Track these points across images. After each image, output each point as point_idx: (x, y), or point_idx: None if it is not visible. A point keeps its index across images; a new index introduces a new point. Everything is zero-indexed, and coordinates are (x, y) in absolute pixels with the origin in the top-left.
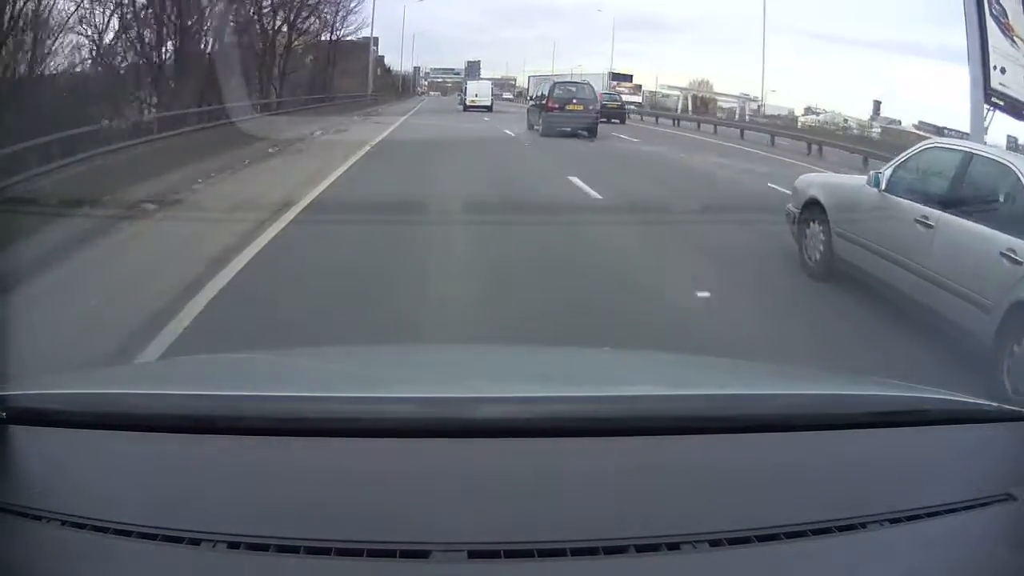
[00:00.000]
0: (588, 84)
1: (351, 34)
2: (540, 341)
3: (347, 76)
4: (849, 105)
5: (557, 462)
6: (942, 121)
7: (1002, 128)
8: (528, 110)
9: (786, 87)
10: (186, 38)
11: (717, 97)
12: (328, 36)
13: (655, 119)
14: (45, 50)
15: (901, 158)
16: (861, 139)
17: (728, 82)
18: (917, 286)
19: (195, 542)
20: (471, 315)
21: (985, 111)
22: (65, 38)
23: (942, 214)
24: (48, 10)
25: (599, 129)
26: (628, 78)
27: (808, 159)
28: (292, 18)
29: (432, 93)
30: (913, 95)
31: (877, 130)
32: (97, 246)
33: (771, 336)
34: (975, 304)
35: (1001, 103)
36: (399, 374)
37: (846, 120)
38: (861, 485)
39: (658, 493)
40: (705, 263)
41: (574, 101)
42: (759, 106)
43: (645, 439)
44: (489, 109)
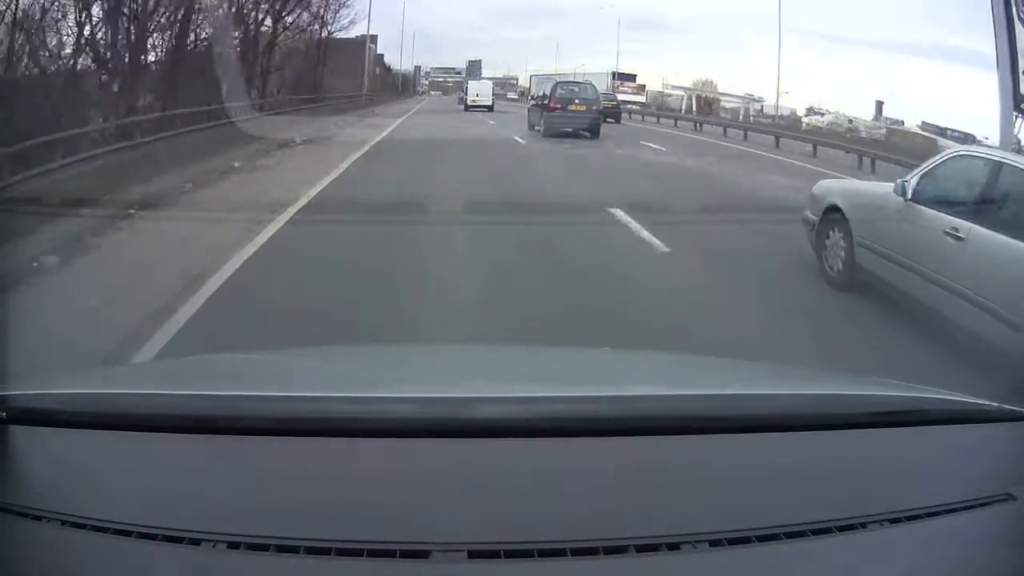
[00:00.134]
0: (591, 84)
1: (343, 29)
2: (540, 341)
3: (344, 75)
4: (850, 105)
5: (557, 462)
6: (943, 121)
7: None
8: (529, 110)
9: (787, 87)
10: (140, 34)
11: (721, 97)
12: (318, 30)
13: (656, 119)
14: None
15: (927, 166)
16: (887, 144)
17: (731, 82)
18: (945, 300)
19: (195, 542)
20: None
21: (1014, 119)
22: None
23: (972, 226)
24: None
25: (625, 137)
26: (632, 78)
27: (860, 172)
28: (277, 8)
29: (433, 92)
30: (913, 95)
31: (882, 131)
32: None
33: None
34: (1006, 323)
35: None
36: (399, 374)
37: (851, 121)
38: (861, 485)
39: (658, 493)
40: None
41: (576, 101)
42: (762, 107)
43: (645, 439)
44: (490, 109)
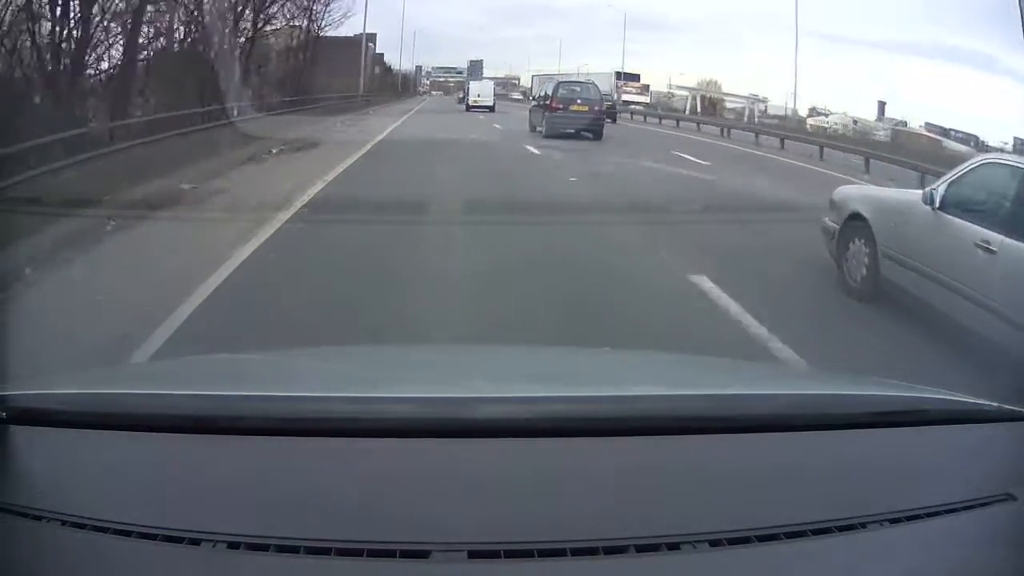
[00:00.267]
0: (593, 84)
1: (334, 23)
2: (540, 341)
3: (342, 75)
4: (852, 106)
5: (557, 462)
6: (944, 122)
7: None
8: (531, 110)
9: (788, 87)
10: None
11: (725, 98)
12: (307, 25)
13: (659, 120)
14: None
15: (955, 173)
16: (893, 146)
17: (734, 83)
18: (974, 315)
19: (195, 542)
20: None
21: None
22: None
23: (1004, 239)
24: None
25: (643, 144)
26: (636, 77)
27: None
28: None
29: (434, 92)
30: (914, 96)
31: (887, 132)
32: None
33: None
34: None
35: None
36: (399, 374)
37: (855, 122)
38: (861, 485)
39: (658, 493)
40: None
41: (578, 101)
42: (766, 107)
43: (645, 439)
44: (492, 109)
